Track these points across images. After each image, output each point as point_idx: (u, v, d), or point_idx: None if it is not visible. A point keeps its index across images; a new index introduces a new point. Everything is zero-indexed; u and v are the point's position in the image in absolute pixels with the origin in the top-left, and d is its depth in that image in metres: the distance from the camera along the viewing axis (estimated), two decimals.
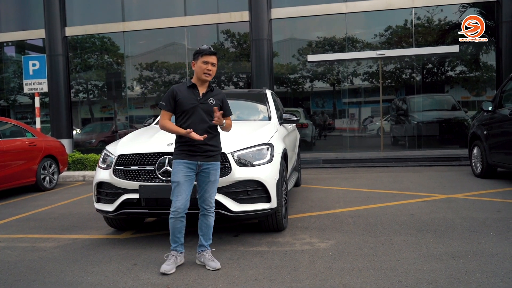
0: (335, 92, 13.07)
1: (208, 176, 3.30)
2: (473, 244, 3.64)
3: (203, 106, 3.30)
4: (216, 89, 3.46)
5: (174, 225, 3.27)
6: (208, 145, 3.28)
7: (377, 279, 2.97)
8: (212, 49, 3.31)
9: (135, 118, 13.56)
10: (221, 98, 3.42)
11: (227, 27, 12.57)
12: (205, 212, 3.36)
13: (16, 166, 7.12)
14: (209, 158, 3.29)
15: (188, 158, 3.25)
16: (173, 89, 3.33)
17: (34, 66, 9.80)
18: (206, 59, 3.26)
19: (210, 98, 3.33)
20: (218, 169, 3.37)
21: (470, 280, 2.88)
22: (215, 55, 3.31)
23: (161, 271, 3.23)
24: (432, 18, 11.88)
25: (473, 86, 12.25)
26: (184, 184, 3.23)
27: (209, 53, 3.27)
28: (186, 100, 3.28)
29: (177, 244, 3.35)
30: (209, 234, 3.40)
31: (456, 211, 4.84)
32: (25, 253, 3.96)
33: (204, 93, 3.34)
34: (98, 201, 4.20)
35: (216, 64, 3.35)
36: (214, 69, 3.33)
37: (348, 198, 5.86)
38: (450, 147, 11.26)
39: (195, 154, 3.25)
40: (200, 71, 3.28)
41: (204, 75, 3.28)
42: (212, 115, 3.25)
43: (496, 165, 6.76)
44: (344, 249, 3.66)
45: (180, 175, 3.23)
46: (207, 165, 3.29)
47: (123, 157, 3.98)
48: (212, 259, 3.34)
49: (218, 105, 3.34)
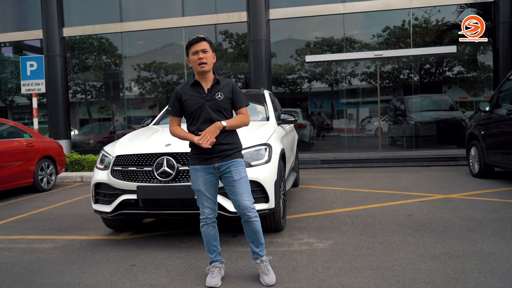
0: (333, 92, 13.09)
1: (231, 176, 2.94)
2: (470, 244, 3.65)
3: (210, 103, 2.94)
4: (224, 80, 3.05)
5: (207, 233, 3.04)
6: (223, 144, 2.94)
7: (375, 279, 2.98)
8: (199, 36, 2.96)
9: (133, 119, 13.55)
10: (230, 89, 3.01)
11: (225, 28, 12.58)
12: (246, 219, 2.96)
13: (13, 167, 7.10)
14: (226, 158, 2.95)
15: (204, 162, 2.96)
16: (176, 91, 3.03)
17: (32, 67, 9.79)
18: (194, 49, 2.92)
19: (217, 93, 2.96)
20: (241, 165, 2.98)
21: (468, 280, 2.89)
22: (203, 41, 2.94)
23: (207, 285, 2.98)
24: (429, 19, 11.91)
25: (471, 86, 12.28)
26: (206, 191, 2.98)
27: (194, 41, 2.93)
28: (191, 100, 2.95)
29: (216, 254, 3.10)
30: (259, 239, 3.02)
31: (453, 211, 4.85)
32: (23, 254, 3.95)
33: (210, 88, 2.97)
34: (96, 202, 4.19)
35: (210, 50, 2.96)
36: (209, 55, 2.95)
37: (346, 198, 5.86)
38: (448, 147, 11.28)
39: (210, 157, 2.94)
40: (194, 63, 2.94)
41: (199, 67, 2.92)
42: (223, 112, 2.96)
43: (494, 165, 6.77)
44: (342, 249, 3.66)
45: (199, 182, 2.97)
46: (226, 165, 2.95)
47: (121, 157, 3.98)
48: (265, 271, 3.00)
49: (227, 97, 2.98)
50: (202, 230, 3.06)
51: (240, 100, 3.04)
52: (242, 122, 3.03)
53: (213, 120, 2.93)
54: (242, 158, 3.05)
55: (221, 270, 3.12)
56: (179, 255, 3.69)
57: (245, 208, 2.93)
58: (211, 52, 2.99)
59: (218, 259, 3.13)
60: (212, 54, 3.01)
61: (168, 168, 3.73)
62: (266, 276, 2.99)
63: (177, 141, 3.97)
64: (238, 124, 3.01)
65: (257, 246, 3.04)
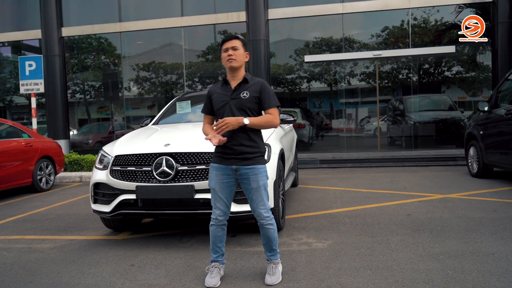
0: (332, 92, 13.10)
1: (248, 183, 2.88)
2: (469, 244, 3.65)
3: (234, 102, 2.89)
4: (253, 79, 2.99)
5: (215, 233, 3.02)
6: (244, 146, 2.85)
7: (374, 278, 2.98)
8: (233, 34, 2.99)
9: (132, 119, 13.54)
10: (259, 88, 2.92)
11: (224, 28, 12.57)
12: (260, 224, 2.98)
13: (12, 167, 7.09)
14: (246, 161, 2.87)
15: (222, 162, 2.91)
16: (209, 90, 3.05)
17: (31, 67, 9.77)
18: (225, 46, 2.92)
19: (244, 91, 2.90)
20: (260, 173, 2.89)
21: (466, 280, 2.89)
22: (235, 39, 2.93)
23: (206, 285, 2.97)
24: (428, 19, 11.93)
25: (470, 86, 12.30)
26: (220, 191, 2.94)
27: (226, 39, 2.94)
28: (218, 97, 2.95)
29: (218, 255, 3.08)
30: (272, 245, 3.01)
31: (452, 211, 4.85)
32: (22, 254, 3.94)
33: (236, 87, 2.93)
34: (95, 202, 4.19)
35: (242, 48, 2.94)
36: (238, 53, 2.91)
37: (345, 198, 5.87)
38: (447, 147, 11.30)
39: (229, 157, 2.88)
40: (224, 60, 2.94)
41: (227, 62, 2.91)
42: (247, 111, 2.89)
43: (492, 165, 6.78)
44: (341, 249, 3.67)
45: (214, 181, 2.94)
46: (245, 170, 2.87)
47: (120, 157, 3.98)
48: (270, 272, 3.00)
49: (254, 97, 2.90)
50: (211, 229, 3.04)
51: (268, 100, 2.92)
52: (267, 122, 2.89)
53: None
54: (264, 164, 2.95)
55: (221, 270, 3.11)
56: (178, 255, 3.69)
57: (258, 216, 2.95)
58: (243, 50, 2.96)
59: (219, 260, 3.11)
60: (244, 52, 2.97)
61: (167, 168, 3.73)
62: (269, 276, 2.99)
63: (176, 141, 3.99)
64: (262, 124, 2.88)
65: (268, 251, 3.05)
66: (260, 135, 2.99)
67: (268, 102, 2.92)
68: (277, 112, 2.96)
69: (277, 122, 2.95)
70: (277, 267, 3.06)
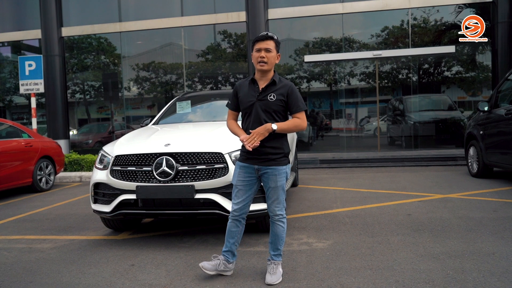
0: (332, 92, 13.10)
1: (267, 182, 2.94)
2: (469, 244, 3.65)
3: (261, 103, 2.89)
4: (282, 81, 2.97)
5: (229, 228, 3.08)
6: (267, 147, 2.88)
7: (374, 278, 2.98)
8: (268, 34, 2.93)
9: (131, 119, 13.54)
10: (286, 91, 2.91)
11: (224, 28, 12.58)
12: (272, 220, 3.04)
13: (12, 167, 7.09)
14: (268, 162, 2.90)
15: (246, 161, 2.96)
16: (235, 86, 3.06)
17: (30, 67, 9.77)
18: (258, 46, 2.90)
19: (271, 94, 2.90)
20: (280, 174, 2.93)
21: (467, 280, 2.89)
22: (270, 39, 2.91)
23: (200, 264, 3.09)
24: (428, 19, 11.93)
25: (469, 86, 12.30)
26: (241, 189, 2.99)
27: (260, 39, 2.90)
28: (245, 97, 2.95)
29: (227, 250, 3.10)
30: (276, 244, 3.04)
31: (452, 211, 4.85)
32: (22, 254, 3.94)
33: (264, 88, 2.92)
34: (95, 202, 4.18)
35: (275, 50, 2.92)
36: (271, 55, 2.90)
37: (345, 198, 5.87)
38: (447, 147, 11.30)
39: (252, 157, 2.93)
40: (255, 61, 2.92)
41: (258, 65, 2.90)
42: (273, 113, 2.89)
43: (492, 164, 6.79)
44: (341, 249, 3.67)
45: (237, 178, 3.00)
46: (265, 169, 2.92)
47: (120, 157, 3.97)
48: (272, 271, 3.01)
49: (280, 100, 2.89)
50: (228, 223, 3.10)
51: (296, 104, 2.92)
52: (295, 126, 2.91)
53: (261, 121, 2.88)
54: (285, 165, 2.97)
55: (221, 265, 3.10)
56: (178, 255, 3.69)
57: (271, 212, 3.03)
58: (275, 52, 2.95)
59: (226, 255, 3.12)
60: (276, 54, 2.97)
61: (168, 168, 3.73)
62: (270, 275, 3.00)
63: (176, 141, 3.99)
64: (290, 128, 2.91)
65: (273, 250, 3.07)
66: (286, 137, 3.03)
67: (295, 106, 2.92)
68: (304, 115, 2.97)
69: (305, 126, 2.96)
70: (278, 268, 3.07)
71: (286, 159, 3.00)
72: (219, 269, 3.11)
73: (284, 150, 2.97)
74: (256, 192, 3.09)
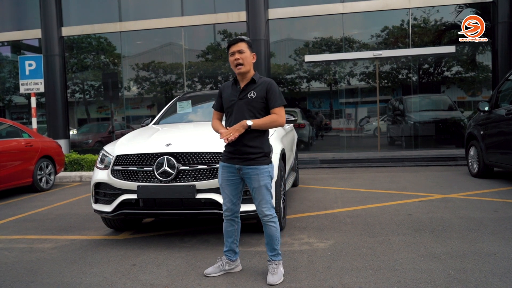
0: (332, 92, 13.11)
1: (250, 182, 2.97)
2: (470, 244, 3.65)
3: (242, 102, 2.97)
4: (261, 79, 3.04)
5: (224, 228, 3.14)
6: (247, 147, 2.92)
7: (376, 278, 2.98)
8: (238, 37, 3.02)
9: (131, 119, 13.53)
10: (266, 88, 2.97)
11: (224, 27, 12.57)
12: (263, 221, 3.04)
13: (12, 167, 7.08)
14: (248, 161, 2.94)
15: (228, 160, 3.02)
16: (220, 87, 3.17)
17: (31, 66, 9.76)
18: (232, 50, 2.99)
19: (251, 92, 2.97)
20: (261, 173, 2.94)
21: (469, 280, 2.89)
22: (241, 42, 2.98)
23: (204, 272, 3.17)
24: (428, 19, 11.94)
25: (469, 87, 12.31)
26: (225, 188, 3.05)
27: (232, 43, 3.00)
28: (228, 97, 3.05)
29: (228, 249, 3.17)
30: (272, 244, 3.04)
31: (453, 211, 4.86)
32: (23, 254, 3.94)
33: (244, 87, 3.01)
34: (96, 202, 4.18)
35: (248, 50, 3.00)
36: (245, 55, 2.98)
37: (345, 198, 5.87)
38: (447, 147, 11.31)
39: (233, 157, 2.98)
40: (232, 65, 3.01)
41: (236, 68, 2.98)
42: (254, 111, 2.95)
43: (493, 165, 6.79)
44: (342, 249, 3.67)
45: (222, 178, 3.06)
46: (247, 169, 2.95)
47: (121, 157, 3.97)
48: (273, 271, 3.01)
49: (260, 97, 2.96)
50: (223, 223, 3.15)
51: (273, 99, 2.96)
52: (271, 121, 2.95)
53: (243, 118, 2.94)
54: (267, 165, 2.99)
55: (224, 265, 3.17)
56: (179, 255, 3.68)
57: (260, 213, 3.03)
58: (249, 52, 3.03)
59: (227, 255, 3.18)
60: (251, 54, 3.04)
61: (169, 168, 3.73)
62: (271, 275, 3.01)
63: (177, 141, 3.99)
64: (266, 124, 2.94)
65: (270, 251, 3.08)
66: (265, 136, 3.05)
67: (273, 101, 2.97)
68: (282, 111, 2.99)
69: (282, 121, 2.99)
70: (279, 267, 3.07)
71: (267, 158, 3.03)
72: (225, 268, 3.16)
73: (264, 149, 3.00)
74: (242, 191, 3.13)
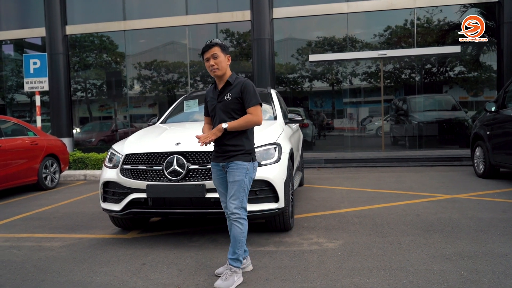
0: (334, 92, 13.09)
1: (228, 177, 3.04)
2: (481, 245, 3.64)
3: (220, 105, 3.06)
4: (237, 80, 3.08)
5: (228, 227, 3.09)
6: (228, 145, 3.02)
7: (388, 279, 2.97)
8: (209, 43, 3.02)
9: (134, 117, 13.52)
10: (240, 89, 3.02)
11: (228, 27, 12.56)
12: (228, 219, 3.03)
13: (17, 165, 7.08)
14: (229, 158, 3.03)
15: (214, 159, 3.14)
16: (205, 93, 3.28)
17: (35, 65, 9.76)
18: (206, 56, 3.03)
19: (227, 94, 3.05)
20: (239, 169, 2.99)
21: (482, 281, 2.88)
22: (213, 46, 3.00)
23: (215, 272, 3.19)
24: (432, 19, 11.91)
25: (472, 87, 12.29)
26: (219, 186, 3.15)
27: (205, 49, 3.03)
28: (210, 101, 3.18)
29: None
30: (234, 247, 2.98)
31: (461, 211, 4.84)
32: (32, 252, 3.93)
33: (221, 90, 3.09)
34: (105, 201, 4.18)
35: (222, 54, 3.02)
36: (219, 60, 3.00)
37: (352, 198, 5.85)
38: (451, 147, 11.28)
39: (218, 155, 3.10)
40: (208, 70, 3.07)
41: (212, 73, 3.05)
42: (231, 112, 3.03)
43: (499, 165, 6.77)
44: (352, 249, 3.65)
45: (213, 177, 3.17)
46: (228, 165, 3.04)
47: (131, 156, 3.96)
48: (224, 277, 2.93)
49: (236, 98, 3.02)
50: (227, 223, 3.11)
51: (248, 99, 3.01)
52: (246, 122, 2.99)
53: (222, 120, 3.03)
54: (247, 162, 3.03)
55: None
56: (189, 254, 3.68)
57: (227, 209, 3.04)
58: (223, 55, 3.05)
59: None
60: (225, 57, 3.06)
61: (178, 167, 3.72)
62: (221, 280, 2.91)
63: (187, 140, 3.98)
64: (241, 125, 2.98)
65: (231, 253, 3.01)
66: (246, 135, 3.08)
67: (248, 101, 3.02)
68: (257, 110, 3.03)
69: (258, 120, 3.02)
70: (233, 276, 2.94)
71: (248, 155, 3.06)
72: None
73: (245, 147, 3.05)
74: None
